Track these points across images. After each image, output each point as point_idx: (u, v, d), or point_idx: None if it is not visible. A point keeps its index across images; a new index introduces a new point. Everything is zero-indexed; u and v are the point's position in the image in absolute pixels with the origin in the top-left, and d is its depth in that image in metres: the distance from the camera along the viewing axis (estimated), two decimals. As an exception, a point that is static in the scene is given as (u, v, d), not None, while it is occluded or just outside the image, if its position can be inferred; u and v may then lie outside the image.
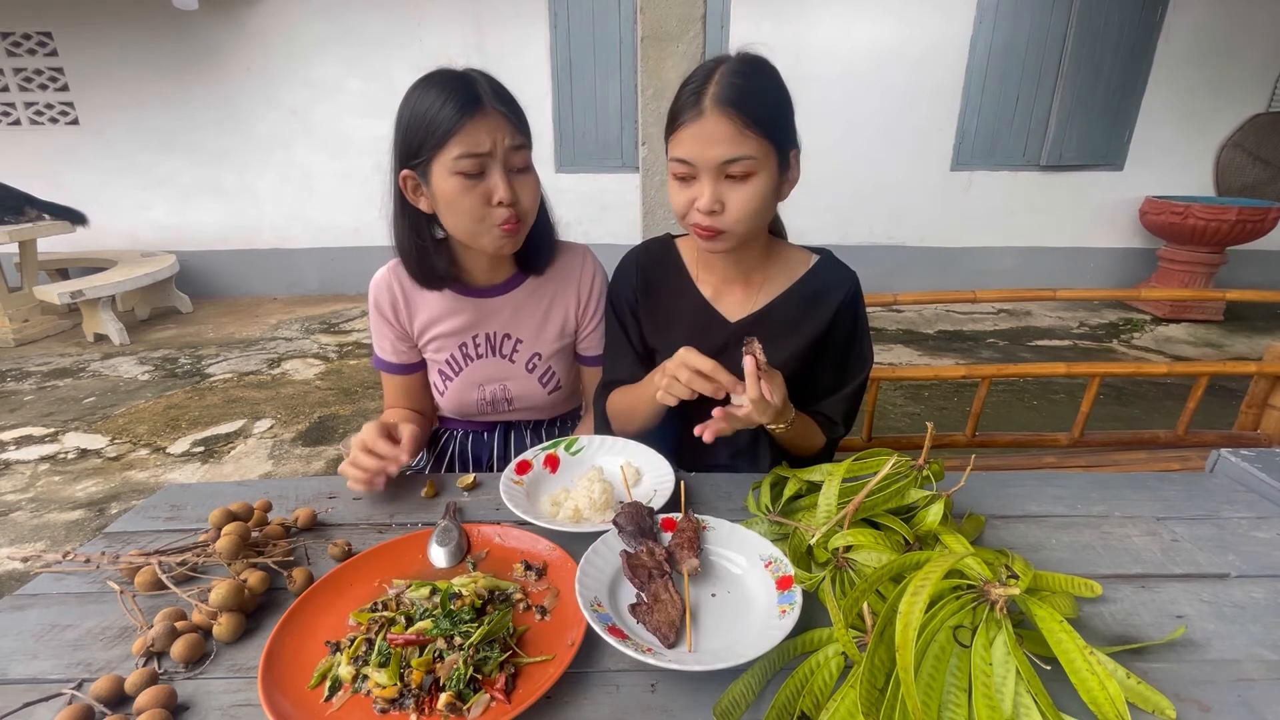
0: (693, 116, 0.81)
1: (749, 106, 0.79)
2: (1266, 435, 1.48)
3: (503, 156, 0.88)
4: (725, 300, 0.98)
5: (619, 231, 4.82)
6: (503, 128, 0.87)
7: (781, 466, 0.85)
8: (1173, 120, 4.63)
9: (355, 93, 4.74)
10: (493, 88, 0.88)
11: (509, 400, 1.10)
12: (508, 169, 0.89)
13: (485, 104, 0.86)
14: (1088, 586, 0.62)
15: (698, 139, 0.81)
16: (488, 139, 0.86)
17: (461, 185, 0.87)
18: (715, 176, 0.82)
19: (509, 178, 0.89)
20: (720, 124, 0.79)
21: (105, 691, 0.53)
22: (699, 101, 0.80)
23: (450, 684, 0.53)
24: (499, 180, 0.88)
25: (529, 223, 0.95)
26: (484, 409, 1.11)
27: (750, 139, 0.80)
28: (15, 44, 4.60)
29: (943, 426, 2.17)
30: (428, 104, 0.86)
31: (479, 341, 1.07)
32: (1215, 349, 3.96)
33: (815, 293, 0.96)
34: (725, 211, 0.83)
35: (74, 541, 2.12)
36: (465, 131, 0.85)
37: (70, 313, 4.43)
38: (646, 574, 0.65)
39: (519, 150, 0.89)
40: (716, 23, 4.45)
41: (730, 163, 0.80)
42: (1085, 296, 1.64)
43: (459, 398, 1.09)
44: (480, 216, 0.90)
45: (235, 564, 0.67)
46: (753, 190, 0.82)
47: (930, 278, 5.05)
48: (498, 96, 0.88)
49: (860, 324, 0.97)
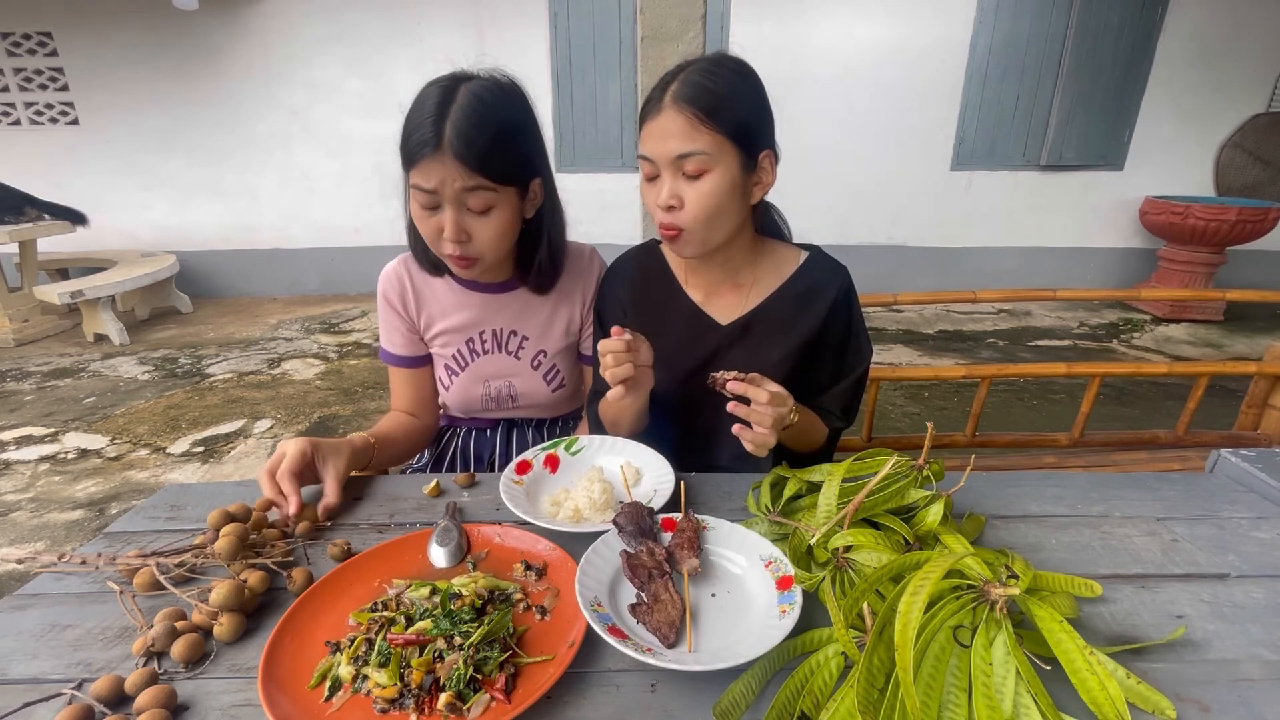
0: (653, 112, 0.83)
1: (705, 102, 0.80)
2: (1266, 435, 1.48)
3: (454, 197, 0.86)
4: (715, 304, 0.98)
5: (619, 231, 4.82)
6: (455, 171, 0.84)
7: (781, 466, 0.84)
8: (1173, 120, 4.63)
9: (355, 93, 4.75)
10: (463, 125, 0.83)
11: (513, 397, 1.11)
12: (460, 208, 0.87)
13: (442, 145, 0.83)
14: (1088, 586, 0.62)
15: (655, 134, 0.82)
16: (435, 179, 0.84)
17: (419, 212, 0.90)
18: (673, 173, 0.83)
19: (460, 217, 0.88)
20: (674, 119, 0.80)
21: (105, 691, 0.53)
22: (660, 98, 0.82)
23: (450, 684, 0.53)
24: (448, 219, 0.87)
25: (487, 261, 0.93)
26: (488, 405, 1.11)
27: (704, 134, 0.80)
28: (15, 44, 4.60)
29: (943, 426, 2.17)
30: (406, 124, 0.86)
31: (485, 338, 1.08)
32: (1215, 349, 3.96)
33: (807, 290, 0.95)
34: (683, 209, 0.83)
35: (74, 541, 2.12)
36: (419, 167, 0.85)
37: (70, 313, 4.43)
38: (646, 574, 0.65)
39: (475, 192, 0.86)
40: (716, 23, 4.45)
41: (684, 158, 0.81)
42: (1085, 296, 1.64)
43: (464, 393, 1.10)
44: (433, 243, 0.92)
45: (234, 565, 0.67)
46: (708, 187, 0.82)
47: (930, 278, 5.05)
48: (461, 137, 0.83)
49: (855, 318, 0.97)
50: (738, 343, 0.96)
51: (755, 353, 0.95)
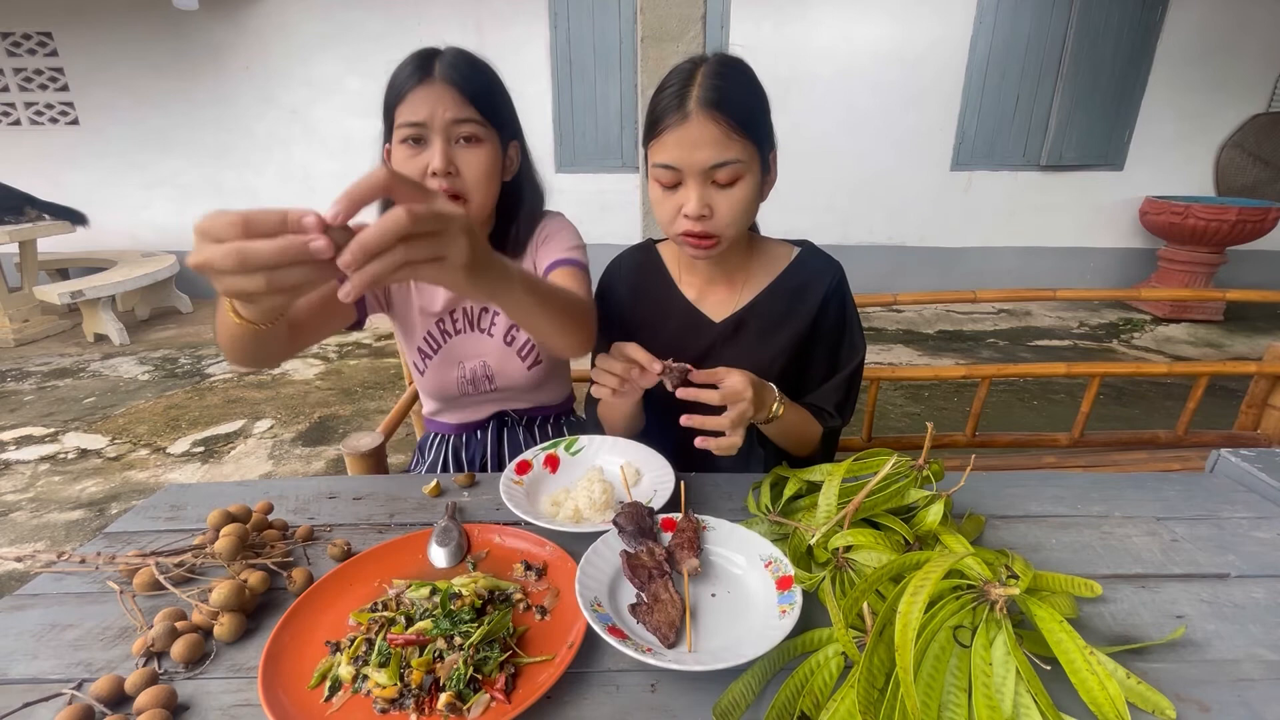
0: (676, 120, 0.79)
1: (733, 109, 0.78)
2: (1266, 435, 1.48)
3: (443, 128, 0.87)
4: (709, 301, 0.98)
5: (619, 231, 4.82)
6: (446, 99, 0.86)
7: (781, 466, 0.84)
8: (1173, 120, 4.63)
9: (355, 92, 4.74)
10: (454, 60, 0.88)
11: (490, 378, 1.08)
12: (449, 140, 0.88)
13: (433, 73, 0.86)
14: (1088, 586, 0.62)
15: (683, 144, 0.79)
16: (425, 108, 0.86)
17: (405, 154, 0.89)
18: (702, 181, 0.80)
19: (448, 149, 0.88)
20: (706, 127, 0.78)
21: (105, 691, 0.53)
22: (682, 105, 0.78)
23: (450, 684, 0.53)
24: (435, 150, 0.87)
25: (474, 201, 0.92)
26: (465, 389, 1.08)
27: (736, 142, 0.79)
28: (15, 44, 4.60)
29: (943, 426, 2.18)
30: (395, 72, 0.89)
31: (456, 317, 1.06)
32: (1215, 349, 3.96)
33: (800, 286, 0.96)
34: (714, 216, 0.82)
35: (74, 541, 2.12)
36: (408, 100, 0.86)
37: (70, 313, 4.43)
38: (646, 574, 0.65)
39: (464, 124, 0.88)
40: (716, 23, 4.45)
41: (718, 167, 0.79)
42: (1085, 296, 1.64)
43: (439, 378, 1.08)
44: None
45: (234, 565, 0.67)
46: (741, 194, 0.82)
47: (930, 278, 5.05)
48: (454, 68, 0.87)
49: (849, 312, 0.97)
50: (731, 339, 0.96)
51: (748, 349, 0.95)
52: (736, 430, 0.76)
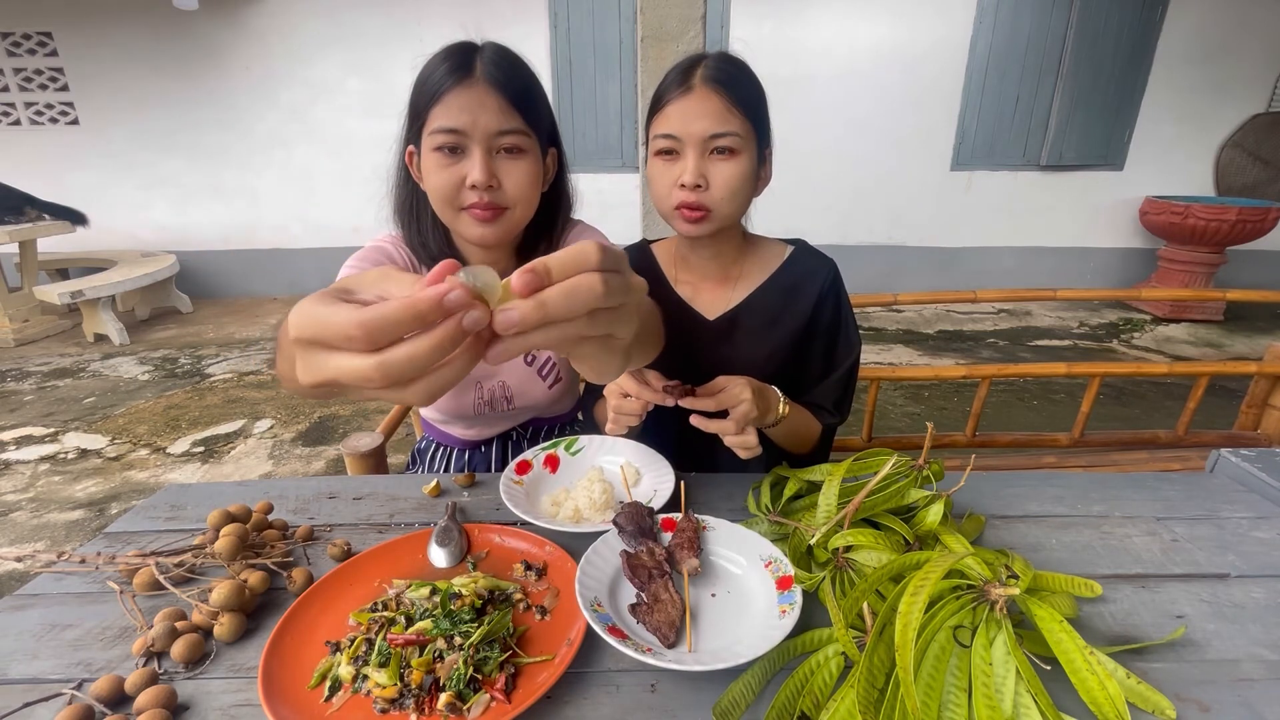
0: (680, 94, 0.82)
1: (735, 89, 0.82)
2: (1266, 435, 1.48)
3: (485, 137, 0.80)
4: (702, 299, 0.98)
5: (619, 231, 4.75)
6: (490, 105, 0.78)
7: (781, 466, 0.84)
8: (1173, 120, 4.63)
9: (355, 92, 4.74)
10: (496, 59, 0.81)
11: (509, 399, 1.05)
12: (491, 150, 0.81)
13: (474, 73, 0.78)
14: (1088, 586, 0.62)
15: (684, 114, 0.82)
16: (467, 115, 0.78)
17: (438, 161, 0.81)
18: (700, 152, 0.83)
19: (489, 160, 0.81)
20: (708, 99, 0.81)
21: (105, 691, 0.53)
22: (687, 80, 0.82)
23: (450, 684, 0.53)
24: (476, 160, 0.80)
25: (516, 213, 0.86)
26: (481, 409, 1.05)
27: (735, 118, 0.82)
28: (15, 44, 4.60)
29: (943, 426, 2.17)
30: (428, 67, 0.82)
31: None
32: (1215, 349, 3.96)
33: (794, 284, 0.96)
34: (709, 189, 0.84)
35: (74, 541, 2.12)
36: (445, 103, 0.78)
37: (70, 313, 4.43)
38: (646, 574, 0.65)
39: (507, 135, 0.81)
40: (716, 23, 4.45)
41: (717, 137, 0.81)
42: (1085, 296, 1.64)
43: (456, 399, 1.04)
44: (451, 198, 0.82)
45: (234, 565, 0.67)
46: (737, 169, 0.83)
47: (930, 278, 5.05)
48: (497, 67, 0.80)
49: (843, 309, 0.97)
50: (725, 337, 0.97)
51: (742, 347, 0.96)
52: (746, 430, 0.78)
